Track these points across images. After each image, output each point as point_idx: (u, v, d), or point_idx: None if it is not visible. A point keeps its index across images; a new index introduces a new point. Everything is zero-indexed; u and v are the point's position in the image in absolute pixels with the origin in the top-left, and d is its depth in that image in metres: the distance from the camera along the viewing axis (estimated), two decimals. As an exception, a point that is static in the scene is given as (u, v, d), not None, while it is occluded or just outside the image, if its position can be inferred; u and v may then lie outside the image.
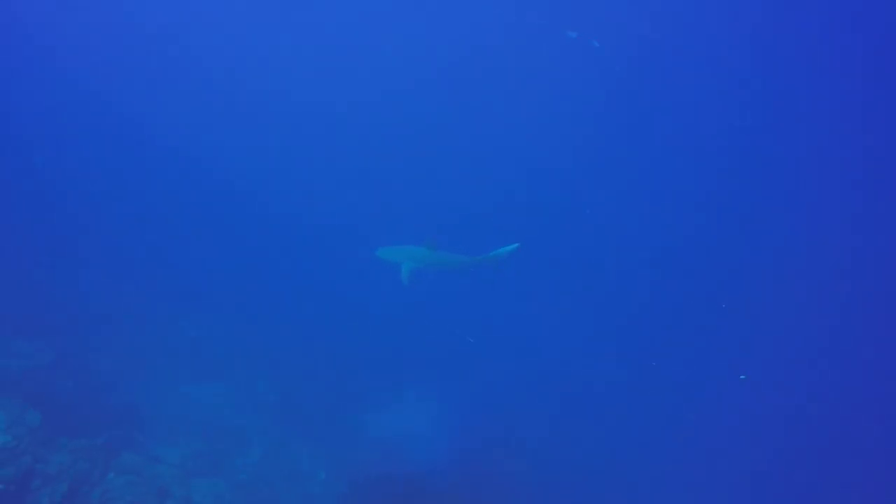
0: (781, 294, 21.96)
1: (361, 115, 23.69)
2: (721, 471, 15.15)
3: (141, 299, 14.58)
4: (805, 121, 23.80)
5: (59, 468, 8.60)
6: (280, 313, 15.78)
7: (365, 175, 22.26)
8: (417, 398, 14.32)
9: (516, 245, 8.78)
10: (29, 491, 8.21)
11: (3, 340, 11.18)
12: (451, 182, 22.85)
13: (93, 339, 12.72)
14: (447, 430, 13.46)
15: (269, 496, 10.82)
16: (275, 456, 11.93)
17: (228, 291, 16.11)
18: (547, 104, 25.17)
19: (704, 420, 16.89)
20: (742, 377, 17.37)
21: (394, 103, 24.19)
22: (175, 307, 14.81)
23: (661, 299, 21.39)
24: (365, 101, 23.93)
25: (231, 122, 22.91)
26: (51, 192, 16.71)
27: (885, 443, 17.46)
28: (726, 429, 16.84)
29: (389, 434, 13.29)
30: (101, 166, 18.66)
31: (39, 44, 22.05)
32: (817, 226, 23.56)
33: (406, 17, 25.42)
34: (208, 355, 13.80)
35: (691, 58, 24.40)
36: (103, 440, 9.55)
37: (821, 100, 23.22)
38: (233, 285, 16.37)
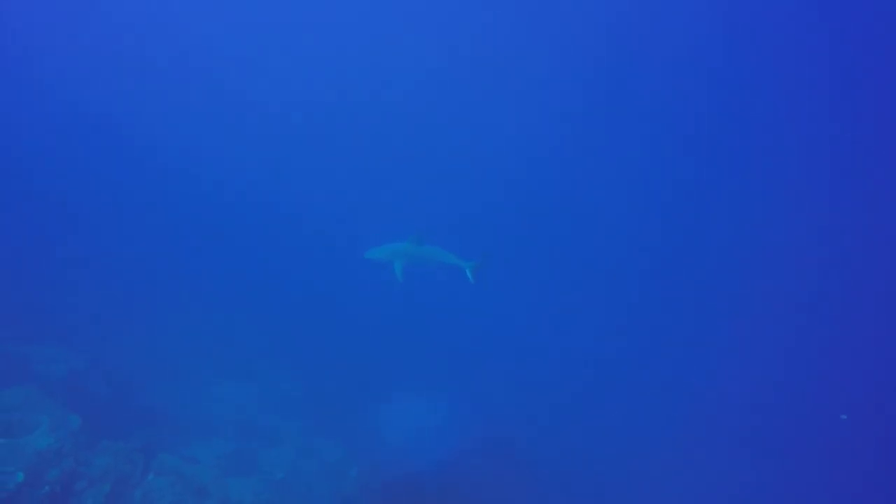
0: (776, 292, 22.04)
1: (355, 115, 23.81)
2: (716, 471, 15.11)
3: (167, 303, 14.77)
4: (801, 119, 23.91)
5: (102, 470, 8.74)
6: (300, 313, 15.90)
7: (361, 174, 22.38)
8: (421, 399, 14.30)
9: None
10: (73, 493, 8.36)
11: (40, 347, 11.38)
12: (441, 181, 22.91)
13: (124, 344, 12.93)
14: (453, 429, 13.61)
15: (305, 494, 10.90)
16: (307, 453, 12.00)
17: (249, 293, 16.26)
18: (536, 105, 25.33)
19: (702, 420, 16.86)
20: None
21: (385, 103, 24.33)
22: (200, 309, 14.98)
23: (656, 298, 21.57)
24: (357, 101, 24.08)
25: (238, 126, 23.14)
26: (76, 202, 17.00)
27: (881, 442, 17.33)
28: (721, 429, 16.83)
29: (403, 433, 13.32)
30: (122, 176, 18.91)
31: (38, 44, 22.22)
32: (810, 223, 23.69)
33: (397, 21, 25.60)
34: (235, 356, 13.97)
35: (685, 58, 24.50)
36: (141, 442, 9.68)
37: (815, 98, 23.27)
38: (253, 287, 16.52)
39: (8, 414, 8.94)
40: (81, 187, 17.66)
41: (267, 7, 25.62)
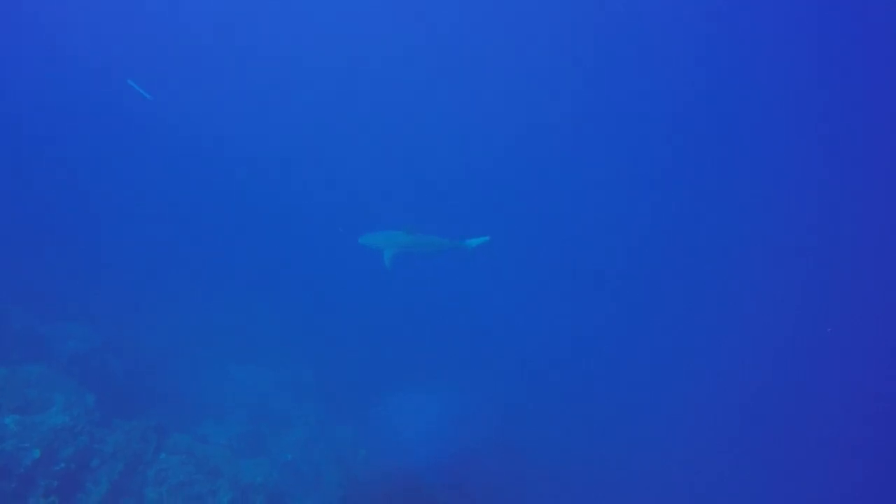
0: (771, 289, 22.14)
1: (361, 110, 23.78)
2: (717, 468, 15.09)
3: (183, 284, 14.87)
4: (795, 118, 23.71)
5: (115, 448, 8.85)
6: (316, 300, 15.96)
7: (370, 166, 22.42)
8: (429, 391, 14.35)
9: (486, 238, 9.40)
10: (88, 469, 8.48)
11: (54, 324, 11.50)
12: (435, 170, 22.93)
13: (137, 323, 13.06)
14: (459, 422, 13.70)
15: (314, 476, 11.00)
16: (317, 437, 12.10)
17: (266, 279, 16.33)
18: (531, 97, 25.29)
19: (702, 416, 16.84)
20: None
21: (381, 96, 24.28)
22: (216, 292, 15.08)
23: (655, 297, 21.53)
24: (355, 94, 24.01)
25: (253, 116, 23.11)
26: (96, 184, 17.11)
27: (877, 440, 17.32)
28: (723, 425, 16.82)
29: (411, 423, 13.41)
30: (135, 160, 18.97)
31: (41, 35, 22.18)
32: (809, 222, 23.85)
33: (393, 15, 25.44)
34: (250, 340, 14.04)
35: (678, 57, 24.41)
36: (154, 421, 9.77)
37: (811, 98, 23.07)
38: (270, 273, 16.60)
39: (24, 391, 9.05)
40: (102, 171, 17.75)
41: (262, 5, 25.48)
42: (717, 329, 20.75)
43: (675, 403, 17.19)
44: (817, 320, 21.21)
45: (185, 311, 14.07)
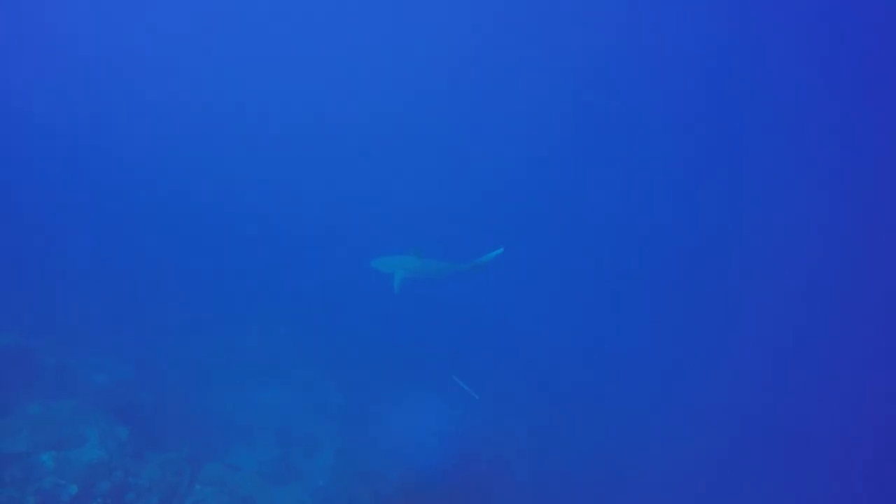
0: (777, 290, 22.11)
1: (371, 120, 23.92)
2: (720, 467, 14.88)
3: (204, 310, 14.96)
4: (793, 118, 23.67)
5: (150, 481, 8.89)
6: (332, 318, 15.99)
7: (377, 178, 22.54)
8: (451, 404, 14.32)
9: (500, 250, 9.19)
10: (125, 504, 8.51)
11: (82, 358, 11.62)
12: (444, 189, 23.00)
13: (163, 352, 13.12)
14: (482, 434, 13.65)
15: (345, 499, 10.92)
16: (346, 458, 12.03)
17: (284, 300, 16.39)
18: (537, 110, 25.36)
19: (703, 417, 16.66)
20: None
21: (388, 111, 24.42)
22: (237, 317, 15.17)
23: (657, 297, 21.32)
24: (361, 108, 24.18)
25: (266, 134, 23.34)
26: (117, 215, 17.36)
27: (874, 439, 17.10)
28: (733, 426, 16.64)
29: (436, 436, 13.38)
30: (161, 186, 19.22)
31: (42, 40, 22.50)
32: (811, 221, 23.84)
33: (396, 25, 25.71)
34: (271, 361, 14.07)
35: (676, 59, 24.50)
36: (186, 452, 9.80)
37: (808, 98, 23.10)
38: (287, 294, 16.66)
39: (59, 427, 9.13)
40: (122, 198, 18.00)
41: (269, 7, 25.79)
42: (729, 331, 20.64)
43: (683, 405, 17.04)
44: (826, 321, 21.00)
45: (207, 338, 14.12)
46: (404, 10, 26.02)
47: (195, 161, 20.55)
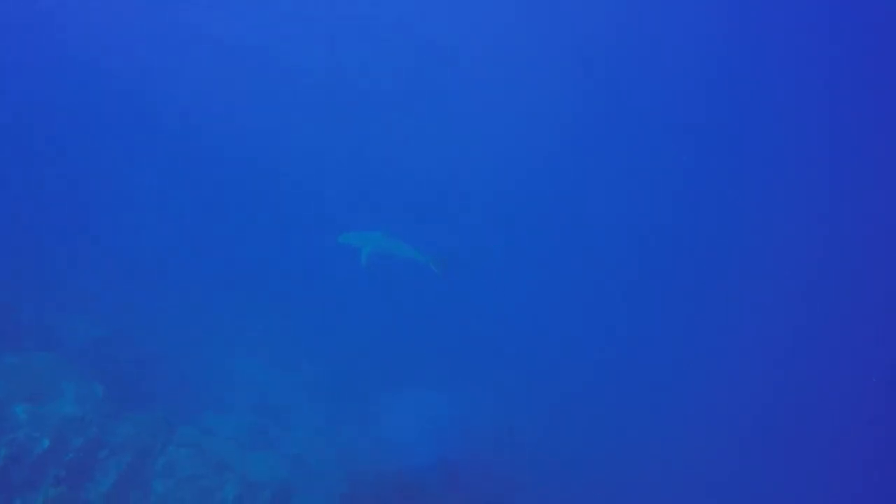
0: (778, 290, 22.40)
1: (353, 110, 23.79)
2: (720, 465, 15.12)
3: (193, 278, 14.91)
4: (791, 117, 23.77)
5: (124, 439, 8.91)
6: (323, 298, 15.97)
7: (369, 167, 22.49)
8: (433, 390, 14.41)
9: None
10: (97, 460, 8.54)
11: (64, 314, 11.56)
12: (428, 175, 22.94)
13: (146, 314, 13.10)
14: (462, 422, 13.79)
15: (319, 471, 11.05)
16: (322, 432, 12.16)
17: (274, 276, 16.34)
18: (526, 103, 25.35)
19: (704, 415, 16.89)
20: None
21: (379, 99, 24.28)
22: (226, 287, 15.12)
23: (658, 297, 21.53)
24: (356, 96, 24.02)
25: (264, 114, 23.07)
26: (108, 176, 17.16)
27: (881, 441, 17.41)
28: (723, 422, 16.85)
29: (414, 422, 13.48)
30: (148, 156, 18.98)
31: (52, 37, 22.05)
32: (811, 222, 24.06)
33: (384, 22, 25.51)
34: (256, 334, 14.08)
35: (673, 57, 24.54)
36: (162, 413, 9.82)
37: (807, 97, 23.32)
38: (278, 270, 16.61)
39: (34, 380, 9.10)
40: (114, 165, 17.76)
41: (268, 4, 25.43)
42: (731, 331, 20.82)
43: (685, 404, 17.23)
44: (827, 321, 21.21)
45: (194, 304, 14.12)
46: (404, 8, 25.81)
47: (192, 136, 20.29)
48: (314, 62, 24.87)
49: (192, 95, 22.27)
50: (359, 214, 19.64)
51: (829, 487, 15.78)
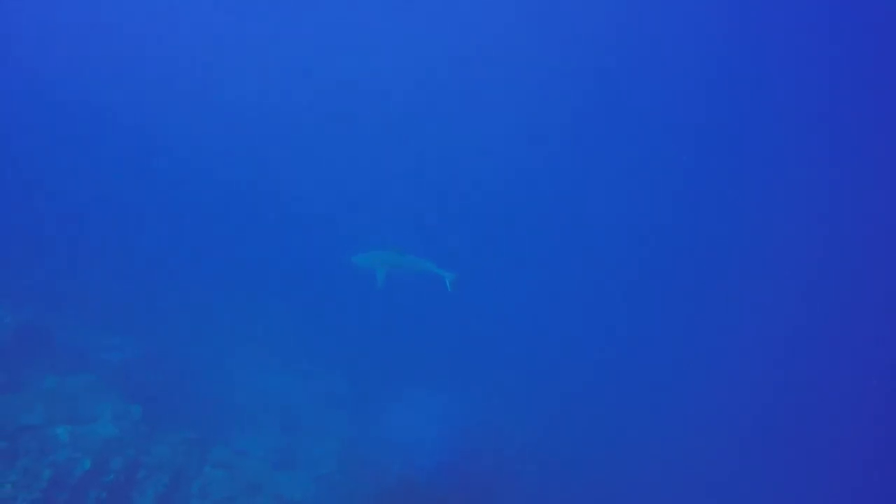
0: (779, 290, 22.29)
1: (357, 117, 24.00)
2: (720, 465, 15.02)
3: (216, 294, 15.11)
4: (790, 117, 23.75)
5: (161, 460, 9.01)
6: (346, 310, 16.07)
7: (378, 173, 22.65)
8: (455, 398, 14.44)
9: (454, 275, 9.47)
10: (135, 482, 8.63)
11: (99, 334, 11.75)
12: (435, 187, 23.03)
13: (175, 334, 13.27)
14: (485, 430, 13.80)
15: (349, 489, 11.05)
16: (351, 447, 12.16)
17: (295, 288, 16.49)
18: (536, 103, 25.53)
19: (705, 417, 16.79)
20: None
21: (384, 108, 24.52)
22: (250, 303, 15.29)
23: (653, 294, 21.62)
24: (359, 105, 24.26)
25: (276, 124, 23.36)
26: (130, 194, 17.48)
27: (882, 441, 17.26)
28: (723, 422, 16.76)
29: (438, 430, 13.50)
30: (175, 171, 19.31)
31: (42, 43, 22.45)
32: (811, 221, 24.05)
33: (392, 19, 25.78)
34: (281, 349, 14.19)
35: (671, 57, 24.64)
36: (195, 434, 9.91)
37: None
38: (299, 282, 16.76)
39: (73, 401, 9.27)
40: (133, 180, 18.10)
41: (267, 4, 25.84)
42: (731, 332, 20.78)
43: (685, 405, 17.15)
44: (828, 322, 21.13)
45: (218, 322, 14.27)
46: (403, 7, 26.11)
47: (211, 149, 20.65)
48: (320, 65, 25.18)
49: (200, 103, 22.66)
50: (361, 216, 19.86)
51: (829, 488, 15.64)
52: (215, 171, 20.17)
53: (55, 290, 12.82)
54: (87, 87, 21.37)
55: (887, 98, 22.37)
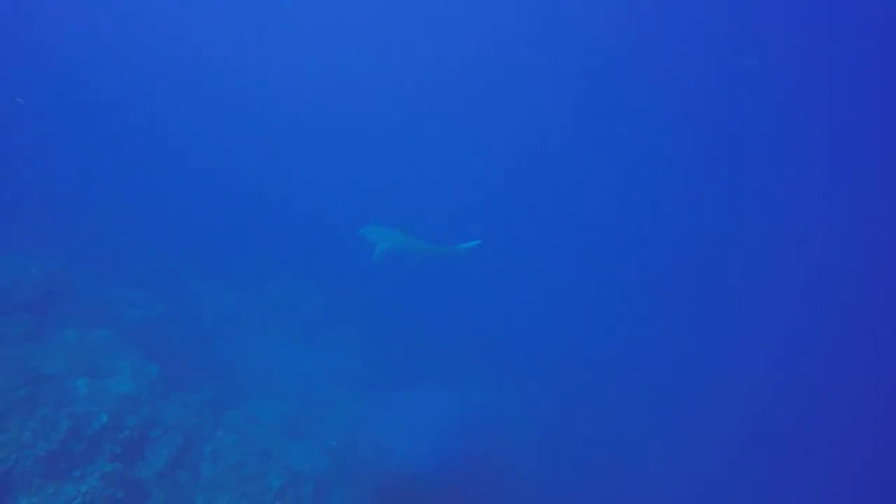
0: (776, 291, 21.84)
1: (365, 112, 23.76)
2: (725, 467, 14.85)
3: (241, 259, 15.17)
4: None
5: (175, 420, 9.12)
6: (371, 291, 16.05)
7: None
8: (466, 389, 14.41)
9: (478, 242, 9.34)
10: (148, 440, 8.75)
11: (120, 290, 11.87)
12: (442, 173, 22.83)
13: (197, 294, 13.37)
14: (495, 424, 13.79)
15: (355, 463, 11.11)
16: (361, 423, 12.20)
17: (321, 263, 16.48)
18: (541, 107, 25.17)
19: (708, 417, 16.64)
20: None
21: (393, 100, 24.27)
22: (273, 271, 15.33)
23: (658, 295, 21.47)
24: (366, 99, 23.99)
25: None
26: (155, 156, 17.54)
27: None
28: (730, 423, 16.52)
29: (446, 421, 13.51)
30: (201, 138, 19.30)
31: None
32: (812, 222, 23.47)
33: (397, 17, 25.35)
34: (302, 321, 14.25)
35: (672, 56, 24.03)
36: (210, 396, 10.01)
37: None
38: (324, 258, 16.74)
39: (92, 355, 9.39)
40: (167, 146, 18.10)
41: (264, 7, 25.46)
42: (734, 332, 20.62)
43: (687, 405, 17.03)
44: (832, 324, 20.93)
45: (240, 286, 14.34)
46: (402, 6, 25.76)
47: (239, 128, 20.59)
48: (321, 63, 24.99)
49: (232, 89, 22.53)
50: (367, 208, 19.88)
51: (830, 488, 15.54)
52: (249, 149, 20.13)
53: (81, 243, 12.98)
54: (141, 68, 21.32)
55: (887, 98, 22.00)
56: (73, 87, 18.56)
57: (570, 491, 13.62)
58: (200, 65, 22.09)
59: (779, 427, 17.13)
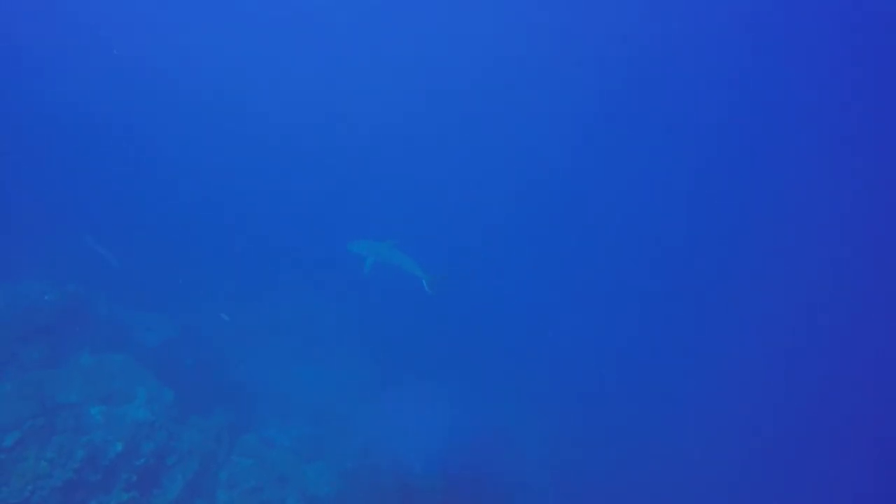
0: (784, 293, 21.79)
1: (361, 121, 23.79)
2: (725, 467, 14.69)
3: (252, 281, 15.16)
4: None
5: (190, 446, 9.06)
6: (382, 305, 15.99)
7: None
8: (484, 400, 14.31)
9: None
10: (165, 467, 8.69)
11: (136, 313, 11.89)
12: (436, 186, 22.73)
13: (211, 320, 13.32)
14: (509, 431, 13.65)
15: (372, 484, 10.97)
16: (376, 444, 12.07)
17: (332, 280, 16.45)
18: (544, 112, 25.17)
19: (715, 420, 16.47)
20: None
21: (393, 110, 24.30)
22: (285, 291, 15.30)
23: (660, 296, 21.38)
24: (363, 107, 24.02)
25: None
26: (172, 179, 17.64)
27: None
28: (731, 425, 16.39)
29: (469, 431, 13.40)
30: (218, 160, 19.42)
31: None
32: (819, 223, 23.46)
33: (394, 20, 25.43)
34: (315, 340, 14.17)
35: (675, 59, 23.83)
36: (225, 420, 9.95)
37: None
38: (336, 275, 16.72)
39: (108, 381, 9.37)
40: (185, 168, 18.20)
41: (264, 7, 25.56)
42: (743, 335, 20.48)
43: (695, 408, 16.85)
44: (841, 325, 20.72)
45: (253, 308, 14.30)
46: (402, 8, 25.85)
47: (245, 140, 20.70)
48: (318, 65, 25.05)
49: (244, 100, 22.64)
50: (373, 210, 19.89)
51: (833, 489, 15.27)
52: (260, 163, 20.20)
53: (96, 267, 13.02)
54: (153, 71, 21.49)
55: (888, 98, 21.98)
56: (81, 101, 18.76)
57: (579, 494, 13.49)
58: (202, 79, 22.21)
59: (787, 429, 16.99)
